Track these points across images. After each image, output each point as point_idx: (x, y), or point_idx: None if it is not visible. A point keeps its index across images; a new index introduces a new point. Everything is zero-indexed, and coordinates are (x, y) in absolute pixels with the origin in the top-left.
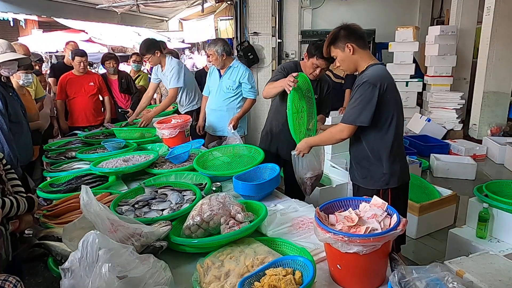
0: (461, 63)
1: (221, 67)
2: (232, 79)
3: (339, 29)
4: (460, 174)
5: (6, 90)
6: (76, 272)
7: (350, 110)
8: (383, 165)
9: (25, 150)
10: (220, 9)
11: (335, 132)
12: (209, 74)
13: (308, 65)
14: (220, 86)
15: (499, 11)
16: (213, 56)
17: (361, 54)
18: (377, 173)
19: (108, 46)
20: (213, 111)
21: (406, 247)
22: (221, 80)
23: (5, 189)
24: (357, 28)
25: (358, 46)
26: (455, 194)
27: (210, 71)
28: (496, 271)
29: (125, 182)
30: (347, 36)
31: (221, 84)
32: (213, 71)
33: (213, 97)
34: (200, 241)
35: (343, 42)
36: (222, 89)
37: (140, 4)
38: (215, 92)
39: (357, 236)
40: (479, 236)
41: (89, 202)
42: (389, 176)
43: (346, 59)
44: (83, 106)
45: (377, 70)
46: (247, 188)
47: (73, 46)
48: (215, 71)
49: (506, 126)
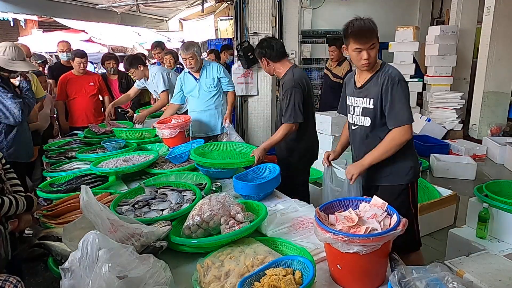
0: (461, 63)
1: (197, 70)
2: (210, 77)
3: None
4: (460, 174)
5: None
6: (76, 272)
7: (400, 110)
8: (408, 158)
9: (26, 148)
10: (220, 9)
11: (397, 138)
12: (181, 81)
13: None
14: (200, 88)
15: (499, 11)
16: (193, 59)
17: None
18: (404, 168)
19: (108, 46)
20: (202, 112)
21: None
22: (199, 82)
23: (4, 188)
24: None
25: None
26: (455, 194)
27: (181, 78)
28: (496, 271)
29: (125, 182)
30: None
31: (201, 86)
32: (184, 77)
33: (196, 100)
34: (200, 241)
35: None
36: (203, 89)
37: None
38: (197, 95)
39: (357, 236)
40: (479, 236)
41: (89, 202)
42: (414, 169)
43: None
44: (84, 106)
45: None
46: (247, 188)
47: (64, 46)
48: (187, 76)
49: (506, 126)
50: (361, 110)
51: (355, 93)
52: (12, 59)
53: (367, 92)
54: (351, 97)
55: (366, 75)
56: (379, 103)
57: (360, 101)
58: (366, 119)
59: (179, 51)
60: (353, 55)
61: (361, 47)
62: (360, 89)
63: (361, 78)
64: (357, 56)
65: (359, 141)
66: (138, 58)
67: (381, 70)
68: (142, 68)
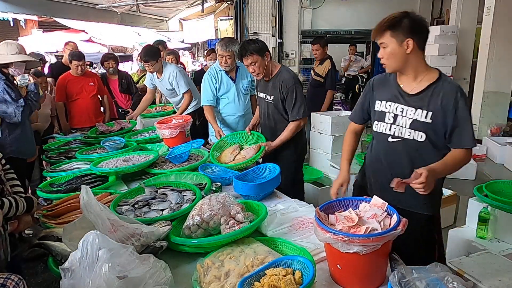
0: (461, 63)
1: (231, 69)
2: (246, 79)
3: (404, 15)
4: (460, 174)
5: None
6: (76, 272)
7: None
8: (441, 185)
9: (29, 145)
10: (220, 9)
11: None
12: (215, 80)
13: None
14: (237, 90)
15: (499, 11)
16: (231, 58)
17: (418, 56)
18: (436, 196)
19: (108, 46)
20: (242, 116)
21: None
22: (236, 83)
23: (4, 189)
24: (424, 23)
25: (418, 46)
26: (455, 194)
27: (214, 76)
28: (496, 271)
29: (125, 182)
30: (412, 30)
31: (238, 87)
32: (219, 76)
33: (235, 104)
34: (200, 241)
35: (405, 35)
36: (241, 91)
37: (140, 4)
38: (234, 97)
39: (357, 236)
40: (479, 236)
41: (89, 202)
42: (439, 198)
43: (398, 55)
44: (86, 107)
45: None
46: (247, 188)
47: (73, 46)
48: (223, 75)
49: (506, 126)
50: (411, 122)
51: (401, 100)
52: (4, 54)
53: (425, 103)
54: (391, 103)
55: (420, 82)
56: (441, 118)
57: (411, 111)
58: (418, 134)
59: (216, 47)
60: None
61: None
62: (414, 97)
63: (410, 83)
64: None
65: (401, 156)
66: (159, 50)
67: (441, 79)
68: (161, 62)
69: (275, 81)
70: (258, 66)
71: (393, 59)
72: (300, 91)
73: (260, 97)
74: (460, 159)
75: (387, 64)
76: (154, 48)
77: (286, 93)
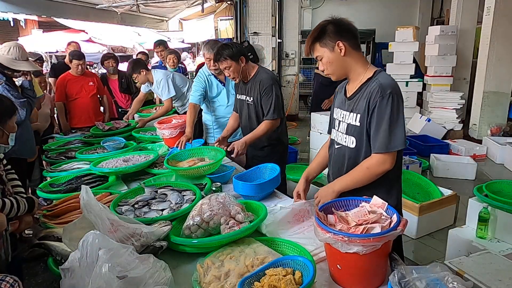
0: (461, 63)
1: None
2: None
3: (326, 23)
4: (460, 174)
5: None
6: (76, 272)
7: (384, 133)
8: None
9: (29, 145)
10: (220, 9)
11: (373, 168)
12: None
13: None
14: (227, 92)
15: (499, 11)
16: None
17: (355, 57)
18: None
19: (108, 46)
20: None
21: (406, 247)
22: (227, 86)
23: (6, 189)
24: (350, 24)
25: (351, 47)
26: (455, 194)
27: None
28: (496, 271)
29: (125, 182)
30: (338, 33)
31: (228, 90)
32: (207, 80)
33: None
34: (200, 241)
35: (333, 40)
36: (231, 93)
37: (140, 4)
38: (225, 100)
39: (357, 236)
40: (479, 236)
41: (89, 202)
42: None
43: (335, 60)
44: (86, 107)
45: (390, 78)
46: (247, 188)
47: (75, 46)
48: (211, 79)
49: (506, 126)
50: (346, 127)
51: (343, 105)
52: (15, 59)
53: (355, 105)
54: (338, 109)
55: (357, 84)
56: (367, 120)
57: (347, 115)
58: (350, 139)
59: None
60: None
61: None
62: (350, 100)
63: (351, 87)
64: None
65: (340, 165)
66: (140, 63)
67: (373, 77)
68: (144, 73)
69: (253, 82)
70: (233, 71)
71: (332, 66)
72: (277, 92)
73: (240, 99)
74: (371, 165)
75: (330, 73)
76: (134, 61)
77: (264, 92)
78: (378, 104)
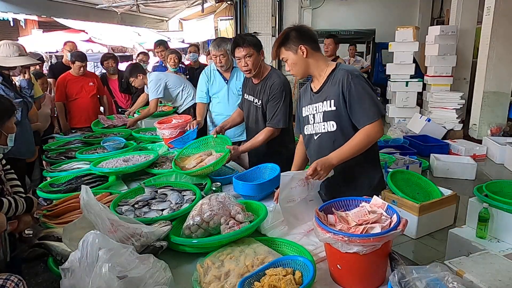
0: (461, 63)
1: (227, 69)
2: (240, 80)
3: (290, 30)
4: (460, 174)
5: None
6: (76, 272)
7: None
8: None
9: (27, 146)
10: (220, 9)
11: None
12: (207, 78)
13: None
14: (229, 90)
15: (499, 11)
16: (224, 57)
17: (316, 57)
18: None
19: (108, 46)
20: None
21: (406, 247)
22: (229, 84)
23: (4, 189)
24: (310, 29)
25: (312, 49)
26: (455, 194)
27: (209, 76)
28: (496, 271)
29: (125, 182)
30: (300, 38)
31: (230, 88)
32: (211, 75)
33: (224, 103)
34: (200, 241)
35: (296, 44)
36: (232, 92)
37: (140, 4)
38: (225, 97)
39: (357, 236)
40: (479, 236)
41: (89, 202)
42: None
43: (298, 62)
44: (86, 107)
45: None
46: (247, 188)
47: (71, 46)
48: (216, 74)
49: (506, 126)
50: (322, 115)
51: (312, 99)
52: (7, 56)
53: (326, 94)
54: (308, 105)
55: (321, 79)
56: (342, 103)
57: (320, 106)
58: (330, 123)
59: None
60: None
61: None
62: (318, 93)
63: (316, 83)
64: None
65: (325, 150)
66: (138, 67)
67: (336, 69)
68: (141, 77)
69: (264, 84)
70: (252, 61)
71: (296, 66)
72: (286, 99)
73: (247, 99)
74: (369, 133)
75: (295, 72)
76: (134, 65)
77: (272, 97)
78: (352, 85)
